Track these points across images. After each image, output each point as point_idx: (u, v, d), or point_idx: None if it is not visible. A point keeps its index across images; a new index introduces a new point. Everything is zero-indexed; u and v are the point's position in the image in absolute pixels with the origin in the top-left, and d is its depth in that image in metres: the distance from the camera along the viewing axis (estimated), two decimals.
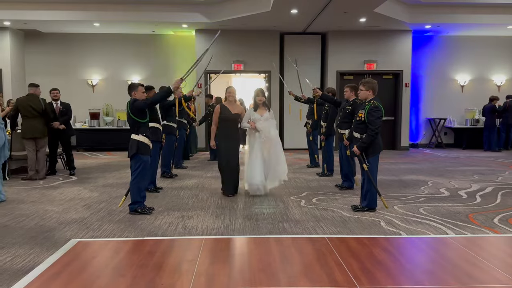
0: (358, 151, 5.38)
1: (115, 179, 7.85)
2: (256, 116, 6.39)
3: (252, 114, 6.43)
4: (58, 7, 10.61)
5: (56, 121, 8.07)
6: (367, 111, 5.34)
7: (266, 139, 6.33)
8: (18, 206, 5.82)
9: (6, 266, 3.68)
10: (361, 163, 5.45)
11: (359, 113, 5.49)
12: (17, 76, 12.20)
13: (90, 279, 3.40)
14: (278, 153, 6.43)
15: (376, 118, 5.29)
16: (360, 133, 5.48)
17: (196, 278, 3.40)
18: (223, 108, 6.37)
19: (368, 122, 5.33)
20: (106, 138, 12.23)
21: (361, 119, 5.45)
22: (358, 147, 5.39)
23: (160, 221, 5.09)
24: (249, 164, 6.41)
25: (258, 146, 6.33)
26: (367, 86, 5.47)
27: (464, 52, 13.16)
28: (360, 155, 5.41)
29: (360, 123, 5.49)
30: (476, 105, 13.11)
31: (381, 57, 12.46)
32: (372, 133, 5.28)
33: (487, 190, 6.94)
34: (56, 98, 8.33)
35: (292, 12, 9.92)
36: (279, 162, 6.39)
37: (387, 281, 3.35)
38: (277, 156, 6.40)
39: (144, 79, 12.24)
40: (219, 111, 6.36)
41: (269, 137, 6.34)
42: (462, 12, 11.11)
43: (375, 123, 5.29)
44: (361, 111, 5.49)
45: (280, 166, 6.41)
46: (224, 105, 6.39)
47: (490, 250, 4.16)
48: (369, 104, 5.37)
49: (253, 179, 6.33)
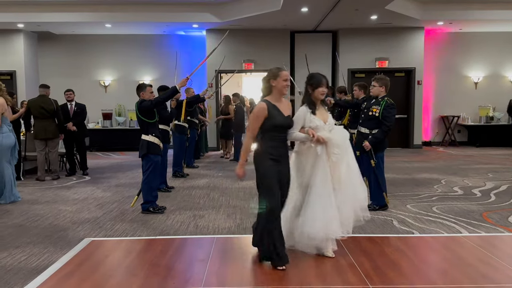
0: (369, 145, 5.34)
1: (127, 179, 7.91)
2: (317, 121, 3.77)
3: (310, 117, 3.77)
4: (71, 9, 10.72)
5: (68, 122, 8.16)
6: (383, 107, 5.32)
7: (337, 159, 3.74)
8: (33, 206, 5.90)
9: (21, 265, 3.73)
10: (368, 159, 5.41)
11: (373, 109, 5.43)
12: (30, 78, 12.37)
13: (103, 278, 3.43)
14: (355, 171, 3.89)
15: (392, 115, 5.32)
16: (369, 128, 5.44)
17: (207, 277, 3.41)
18: (271, 108, 3.57)
19: (383, 118, 5.31)
20: (118, 138, 12.35)
21: (374, 114, 5.39)
22: (370, 142, 5.35)
23: (172, 220, 5.12)
24: (309, 205, 3.71)
25: (323, 171, 3.70)
26: (381, 82, 5.44)
27: (477, 48, 12.96)
28: (369, 150, 5.37)
29: (370, 118, 5.43)
30: (490, 102, 12.91)
31: (393, 55, 12.35)
32: (387, 129, 5.29)
33: (501, 188, 6.84)
34: (70, 99, 8.41)
35: (303, 10, 9.88)
36: (356, 185, 3.88)
37: (399, 280, 3.32)
38: (354, 177, 3.87)
39: (156, 80, 12.31)
40: (265, 113, 3.54)
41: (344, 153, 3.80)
42: (474, 8, 10.95)
43: (391, 119, 5.30)
44: (374, 106, 5.43)
45: (359, 190, 3.89)
46: (272, 103, 3.61)
47: (505, 249, 4.10)
48: (385, 101, 5.35)
49: (313, 228, 3.65)
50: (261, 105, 3.59)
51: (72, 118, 8.24)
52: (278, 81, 3.58)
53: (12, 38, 11.92)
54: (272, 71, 3.64)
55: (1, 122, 5.97)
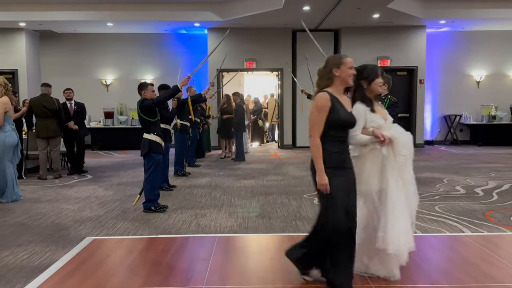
0: None
1: (129, 178, 7.92)
2: (378, 120, 3.31)
3: (370, 116, 3.28)
4: (72, 8, 10.72)
5: (69, 121, 8.16)
6: (386, 106, 5.31)
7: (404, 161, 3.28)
8: (35, 205, 5.90)
9: (23, 264, 3.74)
10: None
11: None
12: (32, 76, 12.37)
13: (104, 277, 3.43)
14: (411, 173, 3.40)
15: (396, 113, 5.31)
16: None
17: (209, 276, 3.41)
18: (334, 100, 3.01)
19: None
20: (120, 137, 12.36)
21: None
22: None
23: (173, 219, 5.12)
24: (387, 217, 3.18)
25: (393, 176, 3.22)
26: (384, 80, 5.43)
27: (480, 47, 12.92)
28: None
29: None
30: (493, 101, 12.87)
31: (395, 53, 12.32)
32: None
33: (504, 187, 6.82)
34: (69, 98, 8.41)
35: (304, 9, 9.86)
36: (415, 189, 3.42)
37: (402, 279, 3.31)
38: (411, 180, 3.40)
39: (157, 79, 12.30)
40: (329, 104, 2.97)
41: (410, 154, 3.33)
42: (477, 6, 10.92)
43: (395, 118, 5.29)
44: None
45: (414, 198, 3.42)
46: (335, 96, 3.04)
47: (507, 249, 4.09)
48: (388, 99, 5.35)
49: (399, 239, 3.15)
50: (323, 95, 2.98)
51: (73, 117, 8.25)
52: (343, 69, 3.04)
53: (14, 37, 11.92)
54: (334, 58, 3.11)
55: (4, 121, 5.98)
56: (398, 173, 3.21)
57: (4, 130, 5.98)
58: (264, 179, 7.73)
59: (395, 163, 3.21)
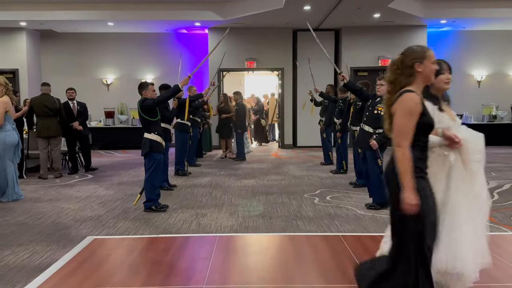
0: (377, 144, 5.31)
1: (130, 177, 7.92)
2: (447, 120, 2.94)
3: (438, 115, 2.86)
4: (73, 7, 10.72)
5: (72, 121, 8.17)
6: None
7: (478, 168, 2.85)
8: (35, 204, 5.91)
9: (24, 263, 3.74)
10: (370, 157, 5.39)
11: (379, 107, 5.40)
12: (33, 76, 12.38)
13: (105, 276, 3.43)
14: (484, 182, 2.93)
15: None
16: (372, 127, 5.42)
17: (210, 275, 3.41)
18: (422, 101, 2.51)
19: None
20: (121, 137, 12.37)
21: (379, 113, 5.35)
22: (377, 141, 5.31)
23: (174, 219, 5.12)
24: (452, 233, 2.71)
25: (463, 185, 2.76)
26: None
27: (481, 47, 12.91)
28: (376, 149, 5.35)
29: (376, 117, 5.40)
30: (493, 101, 12.87)
31: (395, 53, 11.92)
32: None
33: (505, 187, 6.82)
34: (71, 98, 8.42)
35: (305, 8, 9.86)
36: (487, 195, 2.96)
37: None
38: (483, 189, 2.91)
39: (158, 78, 12.30)
40: (420, 107, 2.44)
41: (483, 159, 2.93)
42: (478, 6, 10.91)
43: None
44: (380, 105, 5.39)
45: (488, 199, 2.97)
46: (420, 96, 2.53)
47: (508, 248, 4.08)
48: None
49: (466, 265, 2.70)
50: (413, 97, 2.42)
51: (76, 117, 8.26)
52: (426, 64, 2.49)
53: (15, 36, 11.92)
54: (416, 51, 2.55)
55: (5, 120, 5.98)
56: (468, 183, 2.73)
57: (4, 130, 5.99)
58: (264, 178, 7.73)
59: (465, 172, 2.74)
